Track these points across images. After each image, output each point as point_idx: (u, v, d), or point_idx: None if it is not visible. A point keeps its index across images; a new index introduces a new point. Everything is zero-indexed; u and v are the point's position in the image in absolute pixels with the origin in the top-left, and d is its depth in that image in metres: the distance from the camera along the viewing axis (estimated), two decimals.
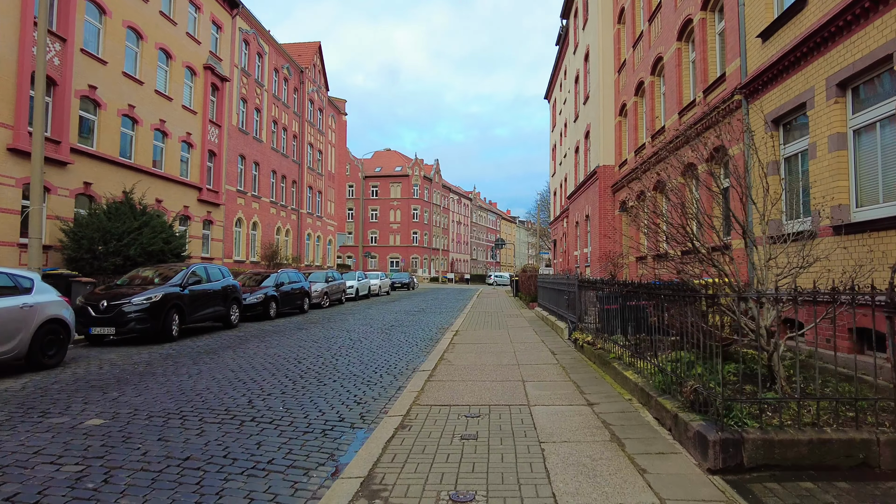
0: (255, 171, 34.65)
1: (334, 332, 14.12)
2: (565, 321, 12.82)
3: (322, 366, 9.02)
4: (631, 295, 7.45)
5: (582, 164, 25.87)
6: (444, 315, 19.90)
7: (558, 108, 38.26)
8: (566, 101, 33.50)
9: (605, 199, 21.38)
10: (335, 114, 50.49)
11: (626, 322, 8.03)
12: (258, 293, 17.18)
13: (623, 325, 8.24)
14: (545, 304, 17.46)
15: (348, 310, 22.13)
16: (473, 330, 14.05)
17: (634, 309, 7.93)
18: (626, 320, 8.03)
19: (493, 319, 17.15)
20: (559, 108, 37.55)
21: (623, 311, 8.24)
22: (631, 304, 8.10)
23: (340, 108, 51.92)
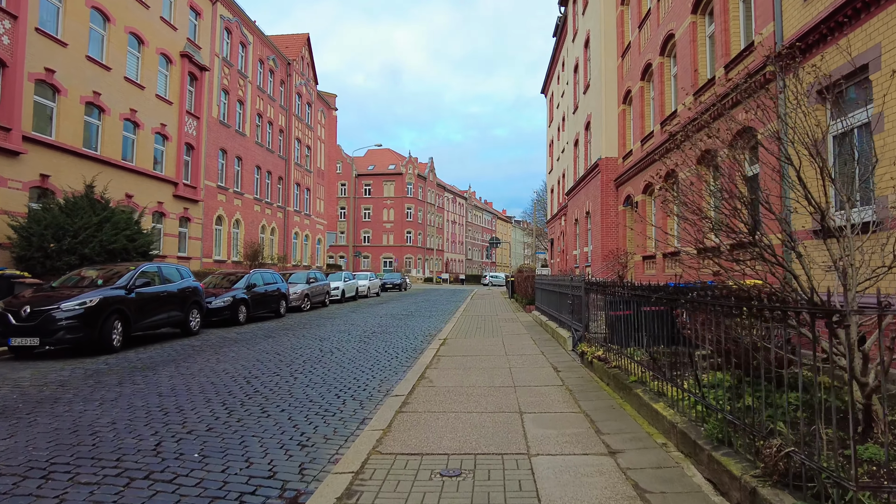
0: (238, 167, 32.98)
1: (305, 340, 12.49)
2: (567, 328, 11.25)
3: (275, 387, 7.40)
4: (663, 300, 5.87)
5: (582, 158, 24.31)
6: (433, 319, 18.30)
7: (555, 101, 36.73)
8: (564, 93, 31.96)
9: (608, 194, 19.83)
10: (325, 109, 48.83)
11: (645, 332, 6.47)
12: (225, 296, 15.54)
13: (641, 336, 6.69)
14: (544, 307, 15.89)
15: (330, 314, 20.51)
16: (464, 338, 12.46)
17: (654, 316, 6.38)
18: (646, 330, 6.46)
19: (487, 325, 15.56)
20: (556, 102, 36.02)
21: (640, 319, 6.68)
22: (648, 309, 6.57)
23: (330, 103, 50.26)
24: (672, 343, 6.01)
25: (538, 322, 15.51)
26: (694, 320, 5.40)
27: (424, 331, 14.83)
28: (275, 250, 37.69)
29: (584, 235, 23.57)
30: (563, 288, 11.47)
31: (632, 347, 6.95)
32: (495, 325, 15.22)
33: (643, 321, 6.76)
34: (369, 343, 12.13)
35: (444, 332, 13.62)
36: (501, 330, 14.11)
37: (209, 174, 29.36)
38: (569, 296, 10.55)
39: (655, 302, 6.26)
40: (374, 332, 14.52)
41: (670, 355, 5.72)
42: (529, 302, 20.25)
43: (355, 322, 17.16)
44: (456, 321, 16.61)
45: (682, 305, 5.30)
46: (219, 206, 30.33)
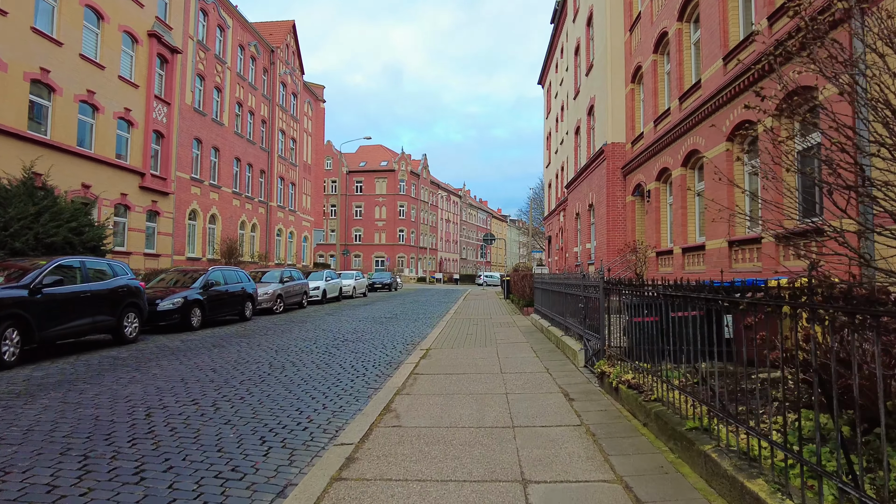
0: (215, 158, 30.82)
1: (258, 351, 10.40)
2: (576, 338, 9.23)
3: (180, 426, 5.33)
4: (721, 302, 3.82)
5: (584, 146, 22.29)
6: (418, 323, 16.24)
7: (553, 91, 34.73)
8: (563, 81, 29.95)
9: (614, 183, 17.82)
10: (312, 100, 46.67)
11: (682, 343, 4.45)
12: (175, 297, 13.42)
13: (674, 349, 4.69)
14: (544, 310, 13.86)
15: (304, 317, 18.41)
16: (451, 348, 10.41)
17: (690, 324, 4.39)
18: (681, 341, 4.44)
19: (480, 330, 13.52)
20: (554, 92, 34.02)
21: (673, 327, 4.68)
22: (681, 315, 4.61)
23: (318, 95, 48.10)
24: (715, 359, 4.10)
25: (538, 327, 13.47)
26: (773, 330, 3.40)
27: (406, 338, 12.78)
28: (256, 248, 35.54)
29: (587, 230, 21.56)
30: (572, 288, 9.43)
31: (665, 364, 4.95)
32: (489, 331, 13.18)
33: (677, 330, 4.79)
34: (335, 355, 10.06)
35: (428, 341, 11.59)
36: (496, 337, 12.07)
37: (182, 165, 27.21)
38: (580, 298, 8.50)
39: (695, 304, 4.23)
40: (347, 339, 12.46)
41: (722, 378, 3.71)
42: (527, 303, 18.24)
43: (328, 327, 15.09)
44: (444, 326, 14.56)
45: (756, 308, 3.26)
46: (192, 200, 28.17)
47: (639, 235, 16.74)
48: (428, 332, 13.65)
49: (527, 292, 18.48)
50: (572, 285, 9.47)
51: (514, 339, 11.61)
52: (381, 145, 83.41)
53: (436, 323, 15.92)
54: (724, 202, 10.69)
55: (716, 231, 11.08)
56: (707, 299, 4.20)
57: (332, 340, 12.15)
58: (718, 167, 11.02)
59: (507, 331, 13.31)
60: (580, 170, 22.04)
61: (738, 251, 10.29)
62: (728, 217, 10.47)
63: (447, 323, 15.36)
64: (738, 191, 10.56)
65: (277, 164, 38.65)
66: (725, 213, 10.68)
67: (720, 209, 10.75)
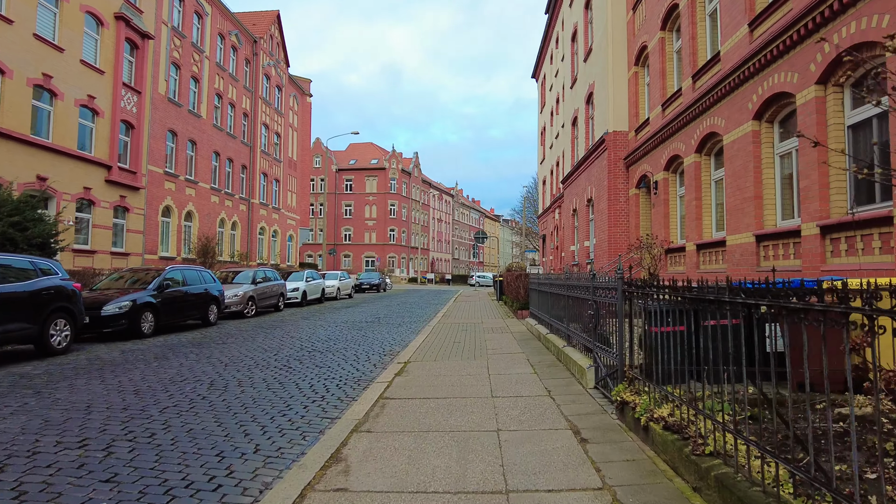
0: (192, 152, 29.16)
1: (203, 365, 8.81)
2: (581, 349, 7.74)
3: (20, 495, 3.77)
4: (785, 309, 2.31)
5: (582, 138, 20.84)
6: (401, 329, 14.71)
7: (548, 83, 33.29)
8: (558, 72, 28.52)
9: (616, 175, 16.37)
10: (297, 94, 45.02)
11: (717, 360, 3.00)
12: (122, 300, 11.81)
13: (703, 367, 3.23)
14: (541, 314, 12.38)
15: (276, 321, 16.84)
16: (433, 360, 8.91)
17: (723, 336, 2.95)
18: (714, 358, 3.00)
19: (469, 337, 12.02)
20: (549, 84, 32.57)
21: (702, 340, 3.26)
22: (713, 324, 3.17)
23: (304, 89, 46.45)
24: (754, 379, 3.09)
25: (535, 334, 11.98)
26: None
27: (384, 347, 11.27)
28: (237, 247, 33.89)
29: (585, 227, 20.11)
30: (578, 290, 7.94)
31: (690, 383, 3.49)
32: (479, 339, 11.67)
33: (710, 343, 3.35)
34: (296, 370, 8.51)
35: (408, 351, 10.08)
36: (486, 347, 10.57)
37: (154, 158, 25.54)
38: (588, 303, 7.01)
39: (732, 311, 2.73)
40: (315, 349, 10.92)
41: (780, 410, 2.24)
42: (521, 306, 16.76)
43: (299, 334, 13.54)
44: (429, 332, 13.05)
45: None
46: (166, 196, 26.50)
47: (643, 231, 15.30)
48: (410, 339, 12.13)
49: (521, 294, 17.01)
50: (578, 287, 7.98)
51: (508, 349, 10.11)
52: (372, 143, 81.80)
53: (421, 328, 14.39)
54: (750, 191, 9.24)
55: (738, 224, 9.62)
56: (781, 306, 2.72)
57: (298, 350, 10.61)
58: (742, 150, 9.56)
59: (500, 338, 11.81)
60: (578, 162, 20.58)
61: (769, 247, 8.82)
62: (756, 207, 9.00)
63: (433, 329, 13.84)
64: (768, 177, 9.11)
65: (260, 160, 36.99)
66: (751, 202, 9.22)
67: (745, 198, 9.30)
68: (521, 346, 10.52)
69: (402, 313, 19.78)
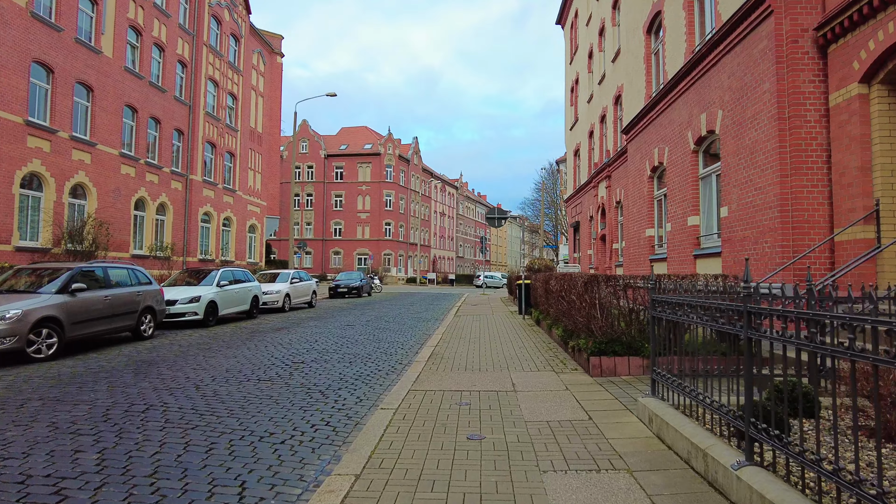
0: (85, 100, 20.60)
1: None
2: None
3: None
4: None
5: (680, 38, 12.11)
6: (341, 395, 6.14)
7: (582, 19, 24.57)
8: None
9: (795, 67, 7.68)
10: (265, 51, 36.44)
11: None
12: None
13: None
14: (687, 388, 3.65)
15: (77, 376, 8.15)
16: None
17: None
18: None
19: (498, 437, 3.34)
20: (586, 15, 23.83)
21: None
22: None
23: (274, 46, 37.87)
24: None
25: (689, 454, 3.28)
26: None
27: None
28: (166, 237, 25.30)
29: (686, 194, 11.40)
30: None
31: None
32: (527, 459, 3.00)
33: None
34: None
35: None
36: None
37: (5, 101, 17.01)
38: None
39: None
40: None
41: None
42: (599, 348, 8.03)
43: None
44: (375, 448, 4.40)
45: None
46: (31, 158, 17.96)
47: (881, 178, 6.62)
48: (343, 452, 3.52)
49: (567, 308, 8.32)
50: None
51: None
52: (366, 127, 73.15)
53: (383, 394, 5.82)
54: None
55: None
56: None
57: None
58: None
59: (597, 484, 3.16)
60: (674, 78, 11.82)
61: None
62: None
63: (391, 424, 5.24)
64: None
65: (205, 125, 28.39)
66: None
67: None
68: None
69: (372, 336, 11.14)
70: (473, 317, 16.94)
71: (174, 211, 25.98)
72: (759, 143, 8.23)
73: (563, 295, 9.12)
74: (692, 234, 10.96)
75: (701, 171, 10.86)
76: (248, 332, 12.97)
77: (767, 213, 7.96)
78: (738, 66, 8.91)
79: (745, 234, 8.68)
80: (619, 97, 18.56)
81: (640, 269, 14.15)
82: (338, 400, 6.37)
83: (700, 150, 10.88)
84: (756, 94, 8.33)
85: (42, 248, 18.10)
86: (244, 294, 16.16)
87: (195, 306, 13.76)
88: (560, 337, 9.50)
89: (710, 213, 10.56)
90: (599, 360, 7.24)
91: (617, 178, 18.61)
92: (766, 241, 7.98)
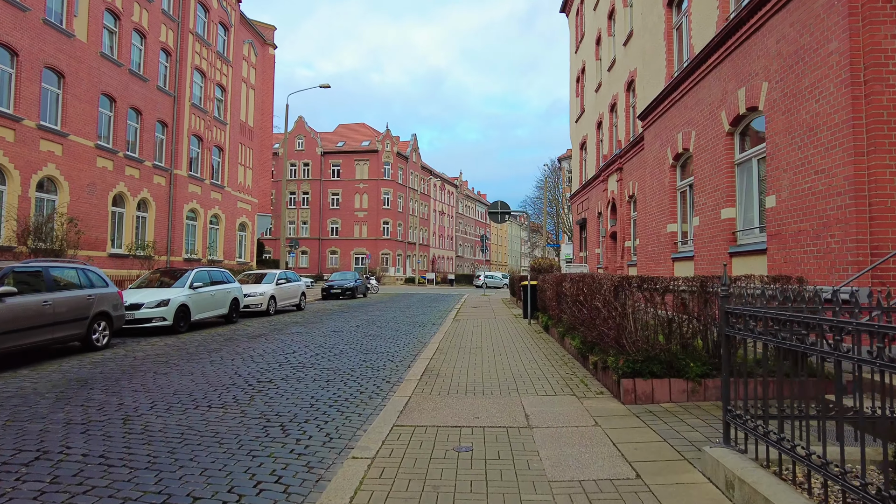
0: (55, 87, 19.15)
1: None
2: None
3: None
4: None
5: (701, 19, 10.65)
6: (306, 431, 4.71)
7: (588, 5, 23.12)
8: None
9: (876, 16, 6.19)
10: (256, 42, 34.99)
11: None
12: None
13: None
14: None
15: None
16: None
17: None
18: None
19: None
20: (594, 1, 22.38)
21: None
22: None
23: (266, 38, 36.41)
24: None
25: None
26: None
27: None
28: (148, 235, 23.86)
29: (709, 184, 9.95)
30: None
31: None
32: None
33: None
34: None
35: None
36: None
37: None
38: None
39: None
40: None
41: None
42: (631, 369, 6.61)
43: None
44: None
45: None
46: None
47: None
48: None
49: (605, 323, 6.88)
50: None
51: None
52: (363, 123, 71.69)
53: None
54: None
55: None
56: None
57: None
58: None
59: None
60: (707, 50, 10.37)
61: None
62: None
63: (363, 485, 3.80)
64: None
65: (191, 117, 26.92)
66: None
67: None
68: None
69: (354, 348, 9.69)
70: (474, 321, 15.49)
71: (157, 207, 24.52)
72: (822, 116, 6.78)
73: (581, 300, 7.66)
74: (726, 229, 9.51)
75: (737, 155, 9.41)
76: (221, 341, 11.51)
77: (834, 201, 6.52)
78: (791, 26, 7.45)
79: (799, 226, 7.24)
80: (631, 82, 17.12)
81: (660, 270, 12.70)
82: (300, 439, 4.92)
83: (736, 131, 9.42)
84: (817, 57, 6.88)
85: (5, 247, 16.65)
86: (222, 297, 14.72)
87: (163, 311, 12.32)
88: (577, 350, 8.04)
89: (749, 203, 9.11)
90: (633, 382, 5.79)
91: (630, 169, 17.16)
92: (833, 235, 6.53)
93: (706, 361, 5.87)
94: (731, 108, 9.28)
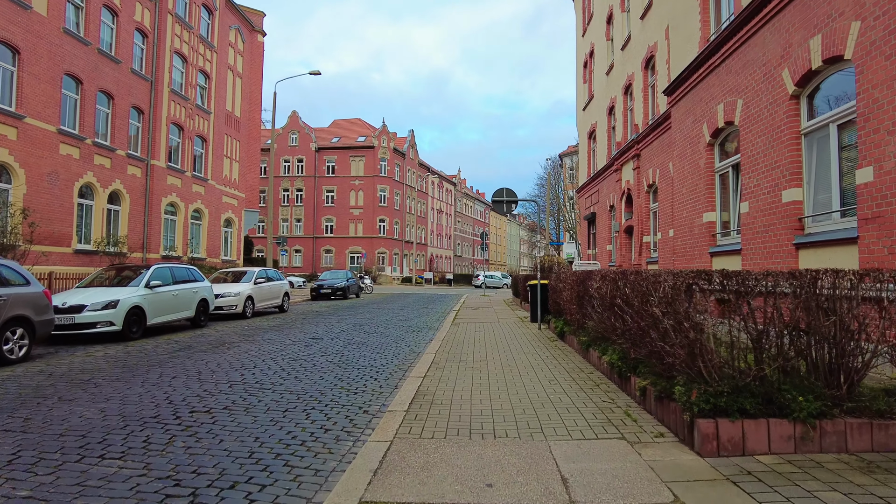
0: (12, 65, 17.28)
1: None
2: None
3: None
4: None
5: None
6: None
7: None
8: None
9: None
10: (244, 28, 33.09)
11: None
12: None
13: None
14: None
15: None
16: None
17: None
18: None
19: None
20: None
21: None
22: None
23: (255, 24, 34.50)
24: None
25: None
26: None
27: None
28: (121, 229, 21.96)
29: (768, 169, 8.12)
30: None
31: None
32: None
33: None
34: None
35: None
36: None
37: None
38: None
39: None
40: None
41: None
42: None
43: None
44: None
45: None
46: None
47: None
48: None
49: (666, 341, 5.03)
50: None
51: None
52: (360, 119, 69.74)
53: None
54: None
55: None
56: None
57: None
58: None
59: None
60: (738, 16, 8.54)
61: None
62: None
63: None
64: None
65: (170, 104, 25.02)
66: None
67: None
68: None
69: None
70: (476, 325, 13.63)
71: (132, 200, 22.63)
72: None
73: (621, 304, 5.80)
74: (790, 215, 7.68)
75: (804, 123, 7.58)
76: (174, 350, 9.64)
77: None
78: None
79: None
80: (650, 58, 15.30)
81: (693, 267, 10.86)
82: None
83: (804, 93, 7.59)
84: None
85: None
86: (187, 297, 12.84)
87: (111, 314, 10.46)
88: (616, 369, 6.18)
89: (823, 182, 7.29)
90: (715, 424, 3.95)
91: (649, 155, 15.34)
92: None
93: (821, 394, 4.03)
94: (797, 63, 7.44)
